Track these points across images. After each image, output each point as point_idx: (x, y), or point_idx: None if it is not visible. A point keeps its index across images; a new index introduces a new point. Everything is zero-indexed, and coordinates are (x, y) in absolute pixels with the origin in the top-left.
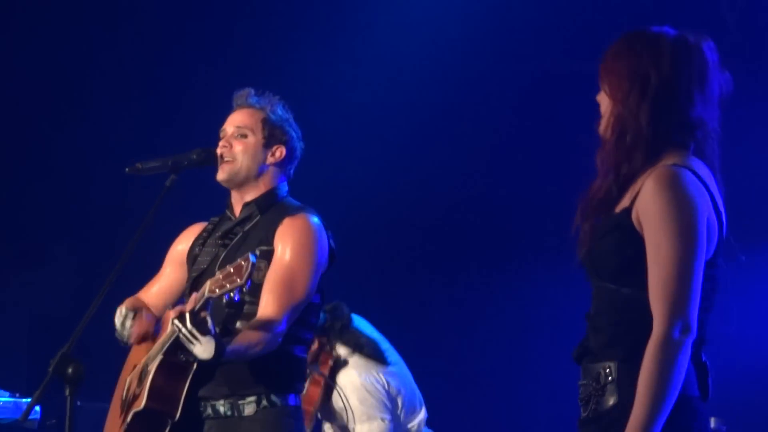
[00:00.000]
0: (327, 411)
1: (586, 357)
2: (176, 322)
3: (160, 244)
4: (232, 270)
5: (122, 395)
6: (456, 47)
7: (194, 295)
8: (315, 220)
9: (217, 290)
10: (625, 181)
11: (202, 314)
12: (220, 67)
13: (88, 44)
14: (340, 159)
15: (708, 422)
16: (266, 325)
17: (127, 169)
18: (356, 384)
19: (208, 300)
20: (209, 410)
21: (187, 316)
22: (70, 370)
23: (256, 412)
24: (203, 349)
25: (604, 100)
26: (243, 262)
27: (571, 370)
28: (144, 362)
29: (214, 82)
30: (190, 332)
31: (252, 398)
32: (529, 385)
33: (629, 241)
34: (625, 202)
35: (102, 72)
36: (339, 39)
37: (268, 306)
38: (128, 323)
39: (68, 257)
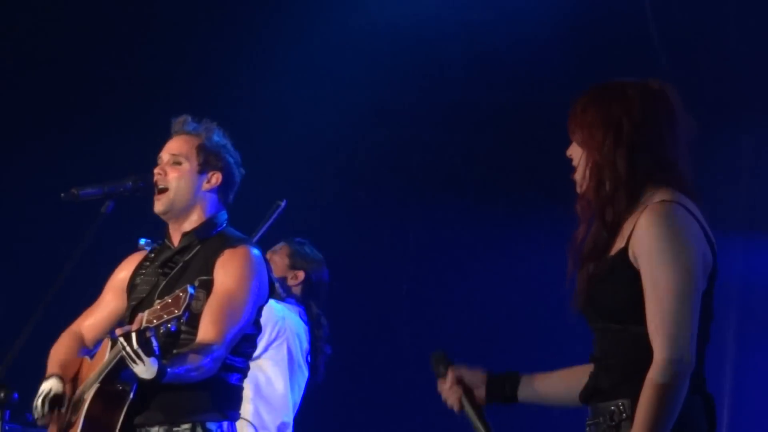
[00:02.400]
0: None
1: (596, 397)
2: (122, 340)
3: (97, 269)
4: (170, 301)
5: (58, 423)
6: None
7: (140, 316)
8: (256, 252)
9: (155, 321)
10: (612, 225)
11: (147, 334)
12: (161, 93)
13: (24, 66)
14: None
15: None
16: (205, 349)
17: (62, 195)
18: (294, 329)
19: (148, 329)
20: None
21: (134, 335)
22: (1, 395)
23: None
24: (145, 369)
25: (576, 152)
26: (181, 294)
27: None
28: (81, 390)
29: (154, 107)
30: (135, 352)
31: (187, 426)
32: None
33: (630, 280)
34: (619, 244)
35: (37, 94)
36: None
37: (207, 332)
38: (47, 407)
39: (1, 282)
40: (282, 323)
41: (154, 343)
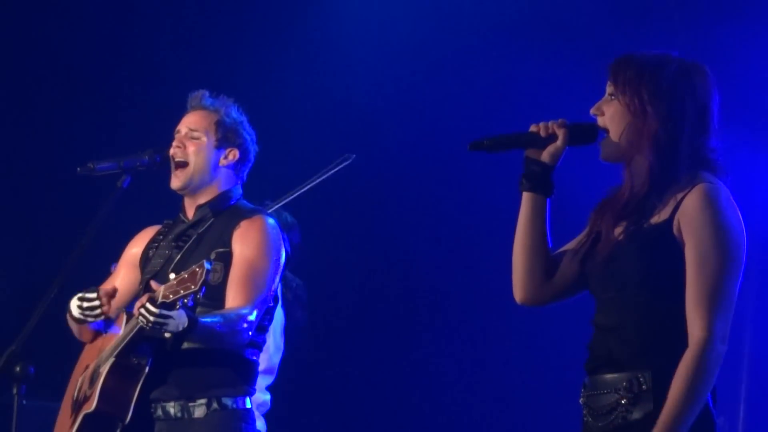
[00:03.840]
0: None
1: (607, 367)
2: (143, 311)
3: (113, 244)
4: (186, 276)
5: (73, 395)
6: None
7: (157, 288)
8: (271, 221)
9: (171, 296)
10: (660, 194)
11: (169, 296)
12: (176, 67)
13: (39, 41)
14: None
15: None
16: (237, 314)
17: (78, 169)
18: None
19: (164, 304)
20: (160, 412)
21: (149, 304)
22: (17, 369)
23: (206, 414)
24: (177, 322)
25: (614, 110)
26: (197, 269)
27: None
28: (96, 363)
29: (169, 81)
30: (159, 315)
31: (202, 401)
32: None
33: (670, 253)
34: (664, 214)
35: (54, 70)
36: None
37: (236, 300)
38: (95, 302)
39: (17, 256)
40: None
41: (177, 303)
